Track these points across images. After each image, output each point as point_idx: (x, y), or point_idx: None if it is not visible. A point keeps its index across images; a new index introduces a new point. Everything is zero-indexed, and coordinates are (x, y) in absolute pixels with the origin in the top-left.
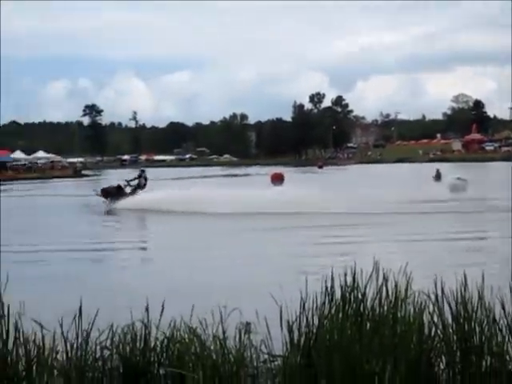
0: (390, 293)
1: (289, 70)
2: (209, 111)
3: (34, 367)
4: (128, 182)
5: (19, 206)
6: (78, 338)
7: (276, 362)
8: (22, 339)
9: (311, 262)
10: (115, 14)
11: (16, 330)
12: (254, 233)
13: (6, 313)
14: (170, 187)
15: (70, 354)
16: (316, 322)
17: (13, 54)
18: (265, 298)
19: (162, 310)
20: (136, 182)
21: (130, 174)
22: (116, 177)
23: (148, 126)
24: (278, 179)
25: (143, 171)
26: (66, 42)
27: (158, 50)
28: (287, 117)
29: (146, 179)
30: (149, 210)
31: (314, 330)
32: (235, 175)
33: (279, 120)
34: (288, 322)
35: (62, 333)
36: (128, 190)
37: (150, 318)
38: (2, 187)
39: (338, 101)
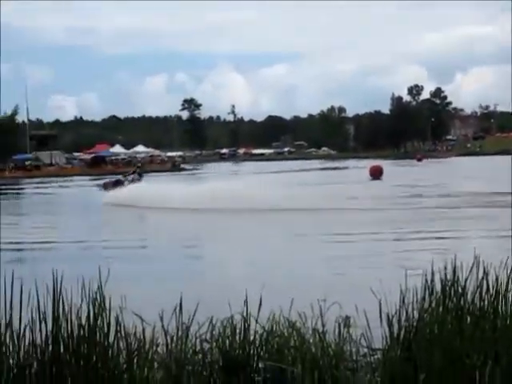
0: (490, 287)
1: (387, 62)
2: (307, 104)
3: (135, 360)
4: (125, 176)
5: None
6: (178, 331)
7: (376, 356)
8: (123, 332)
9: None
10: (214, 10)
11: (117, 323)
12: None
13: (107, 306)
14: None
15: (170, 347)
16: (416, 315)
17: (112, 50)
18: (364, 292)
19: (260, 303)
20: (131, 177)
21: (229, 167)
22: (214, 170)
23: (246, 119)
24: (376, 172)
25: (138, 167)
26: (164, 37)
27: (257, 43)
28: (385, 109)
29: (140, 175)
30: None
31: (414, 324)
32: (335, 168)
33: (377, 112)
34: (388, 316)
35: (163, 326)
36: (126, 183)
37: (248, 312)
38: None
39: (437, 93)
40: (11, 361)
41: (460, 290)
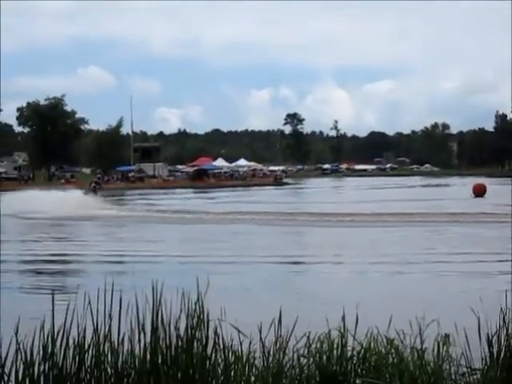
0: None
1: (491, 79)
2: (410, 120)
3: (232, 373)
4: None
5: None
6: (276, 344)
7: (475, 376)
8: (220, 345)
9: None
10: (318, 24)
11: (215, 335)
12: None
13: (205, 318)
14: None
15: (267, 361)
16: None
17: (217, 62)
18: (463, 310)
19: (357, 319)
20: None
21: (331, 182)
22: (316, 185)
23: (349, 134)
24: (479, 190)
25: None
26: (269, 49)
27: (361, 58)
28: (489, 127)
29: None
30: None
31: None
32: (437, 185)
33: (481, 130)
34: (488, 335)
35: (261, 339)
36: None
37: (346, 327)
38: (210, 194)
39: None
40: (109, 370)
41: None
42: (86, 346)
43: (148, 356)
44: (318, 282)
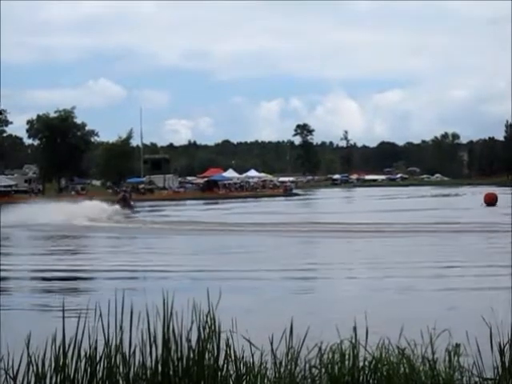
0: None
1: (502, 88)
2: (420, 130)
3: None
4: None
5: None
6: (287, 355)
7: None
8: (232, 356)
9: None
10: (328, 35)
11: (227, 346)
12: None
13: (217, 330)
14: None
15: (278, 372)
16: None
17: (227, 74)
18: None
19: (367, 330)
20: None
21: (341, 193)
22: (326, 196)
23: (359, 145)
24: (491, 200)
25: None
26: (279, 61)
27: (370, 68)
28: (499, 136)
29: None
30: None
31: None
32: (448, 195)
33: (491, 139)
34: (499, 345)
35: (272, 350)
36: None
37: (357, 338)
38: (221, 205)
39: None
40: (121, 382)
41: None
42: (98, 358)
43: (159, 368)
44: (329, 292)
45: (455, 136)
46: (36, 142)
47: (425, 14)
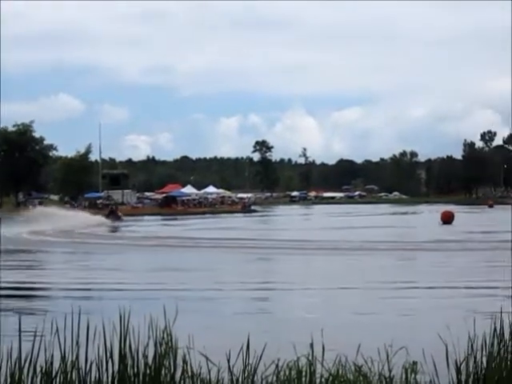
0: None
1: (460, 107)
2: (378, 148)
3: None
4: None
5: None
6: (244, 372)
7: None
8: (189, 372)
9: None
10: (288, 52)
11: (184, 362)
12: None
13: (173, 346)
14: None
15: None
16: (484, 363)
17: (187, 90)
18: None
19: (323, 347)
20: None
21: (299, 210)
22: (285, 212)
23: (317, 162)
24: (447, 218)
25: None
26: (239, 77)
27: (330, 86)
28: (457, 155)
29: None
30: None
31: (483, 372)
32: (405, 213)
33: (449, 158)
34: (456, 362)
35: (229, 367)
36: None
37: (314, 355)
38: (182, 221)
39: (510, 139)
40: None
41: None
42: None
43: (116, 383)
44: (285, 310)
45: (413, 154)
46: None
47: (383, 33)
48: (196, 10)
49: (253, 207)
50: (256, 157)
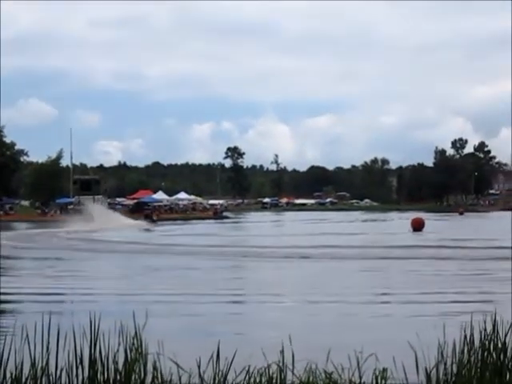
0: None
1: (432, 115)
2: (350, 155)
3: None
4: None
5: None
6: (214, 379)
7: None
8: (159, 378)
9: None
10: (260, 59)
11: (154, 369)
12: None
13: (144, 352)
14: None
15: None
16: (454, 370)
17: (159, 96)
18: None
19: (293, 353)
20: None
21: (270, 216)
22: (256, 219)
23: (289, 169)
24: (418, 225)
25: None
26: (211, 84)
27: (302, 93)
28: (429, 162)
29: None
30: None
31: (453, 379)
32: (376, 220)
33: (420, 165)
34: (425, 370)
35: (199, 373)
36: None
37: (285, 361)
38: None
39: (481, 147)
40: None
41: (500, 345)
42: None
43: None
44: (256, 316)
45: (385, 161)
46: None
47: (354, 40)
48: (168, 15)
49: (224, 213)
50: (228, 163)
